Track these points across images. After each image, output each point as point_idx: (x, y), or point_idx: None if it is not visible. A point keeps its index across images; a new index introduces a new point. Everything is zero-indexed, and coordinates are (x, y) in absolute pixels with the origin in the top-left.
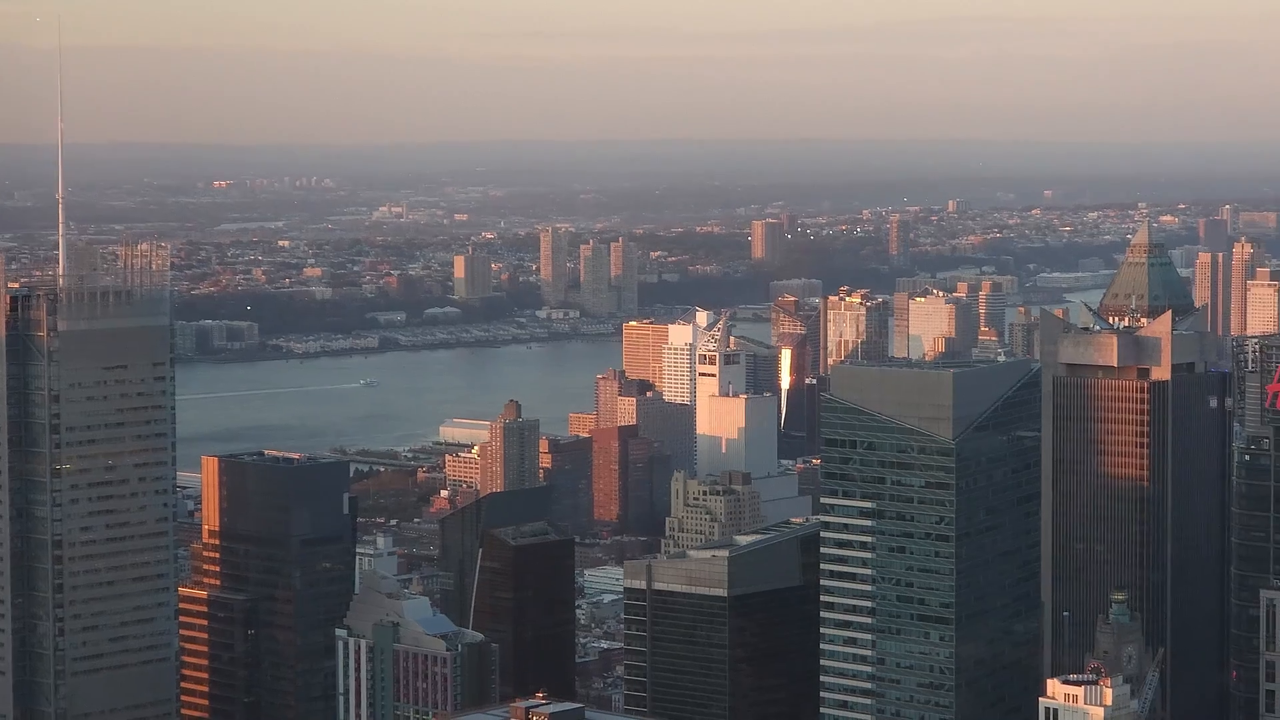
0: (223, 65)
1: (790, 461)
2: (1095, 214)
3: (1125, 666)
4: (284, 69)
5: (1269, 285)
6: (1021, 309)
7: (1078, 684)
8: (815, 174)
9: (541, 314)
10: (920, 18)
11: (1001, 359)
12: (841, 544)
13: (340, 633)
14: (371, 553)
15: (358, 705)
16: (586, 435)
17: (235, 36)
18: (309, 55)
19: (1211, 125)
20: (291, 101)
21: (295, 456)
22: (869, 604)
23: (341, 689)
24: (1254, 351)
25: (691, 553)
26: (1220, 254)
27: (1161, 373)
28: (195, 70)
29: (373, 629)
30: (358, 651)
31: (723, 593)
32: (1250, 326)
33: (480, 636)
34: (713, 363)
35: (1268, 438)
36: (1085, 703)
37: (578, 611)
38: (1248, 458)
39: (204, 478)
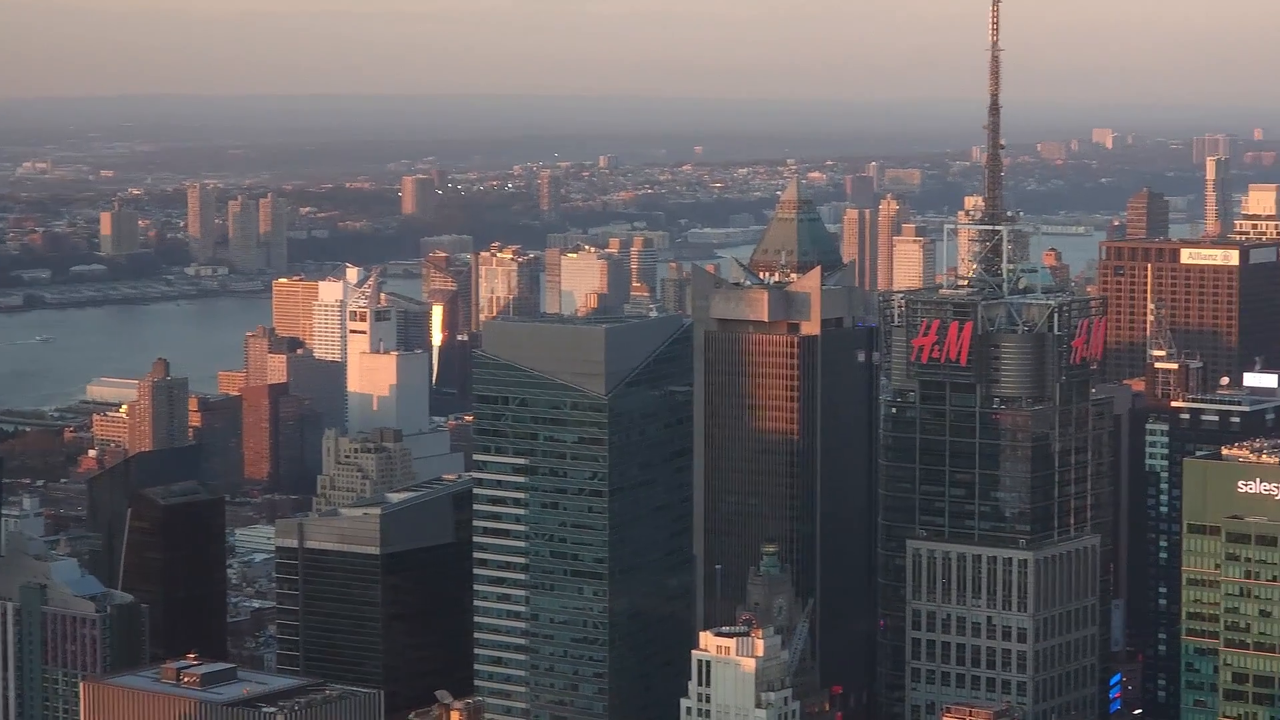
0: None
1: (442, 418)
2: (745, 170)
3: (776, 617)
4: None
5: (914, 241)
6: (673, 265)
7: (730, 636)
8: (466, 129)
9: (190, 271)
10: None
11: (653, 314)
12: (494, 500)
13: None
14: (17, 514)
15: (4, 670)
16: (236, 393)
17: None
18: None
19: (858, 83)
20: None
21: None
22: (522, 560)
23: None
24: (900, 307)
25: (343, 511)
26: (867, 210)
27: (811, 327)
28: None
29: (19, 591)
30: (3, 615)
31: (375, 550)
32: (896, 282)
33: (130, 598)
34: (363, 320)
35: (913, 391)
36: (737, 654)
37: (229, 571)
38: (894, 411)
39: None
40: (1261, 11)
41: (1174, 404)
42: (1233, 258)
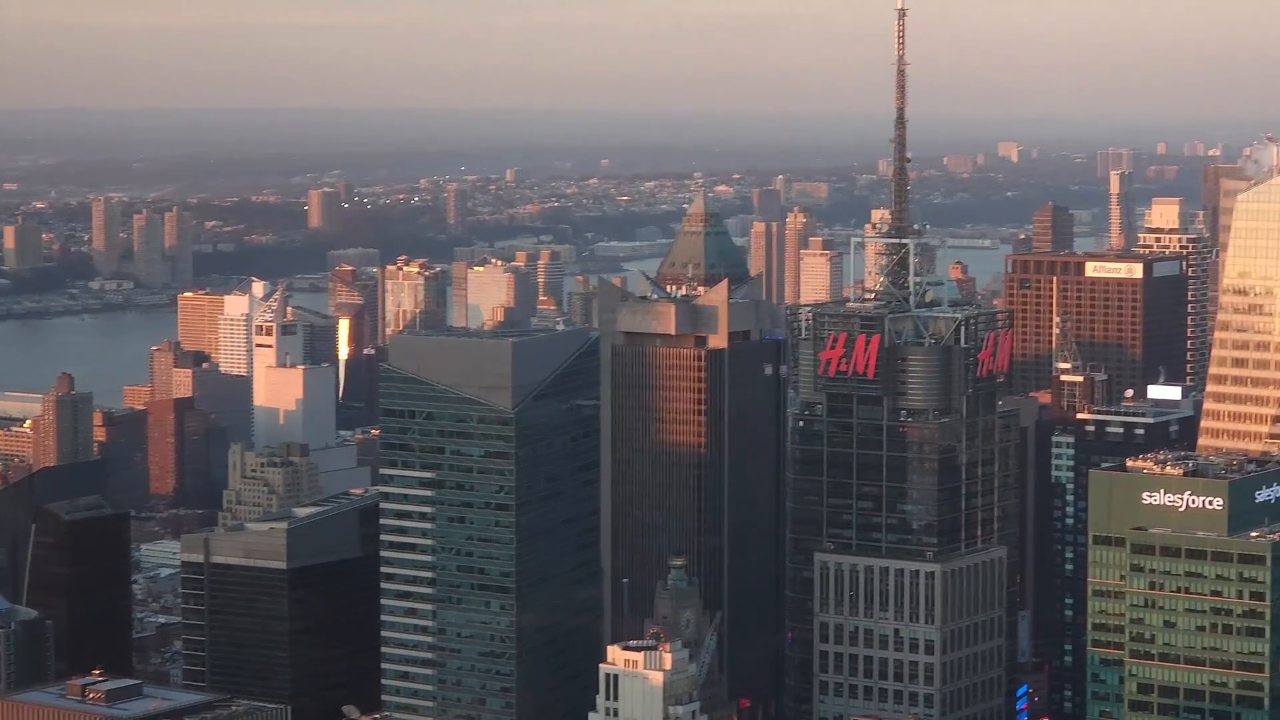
0: None
1: (349, 432)
2: (652, 183)
3: (684, 631)
4: None
5: (821, 254)
6: (580, 278)
7: (638, 649)
8: (372, 142)
9: (95, 285)
10: None
11: (560, 328)
12: (401, 514)
13: None
14: None
15: None
16: (141, 408)
17: None
18: None
19: (766, 97)
20: None
21: None
22: (429, 574)
23: None
24: (807, 319)
25: (249, 525)
26: (774, 223)
27: (718, 340)
28: None
29: None
30: None
31: (281, 565)
32: (804, 295)
33: (34, 613)
34: (269, 333)
35: (820, 404)
36: (645, 668)
37: (134, 586)
38: (801, 424)
39: None
40: (1163, 29)
41: (1079, 416)
42: (1137, 271)
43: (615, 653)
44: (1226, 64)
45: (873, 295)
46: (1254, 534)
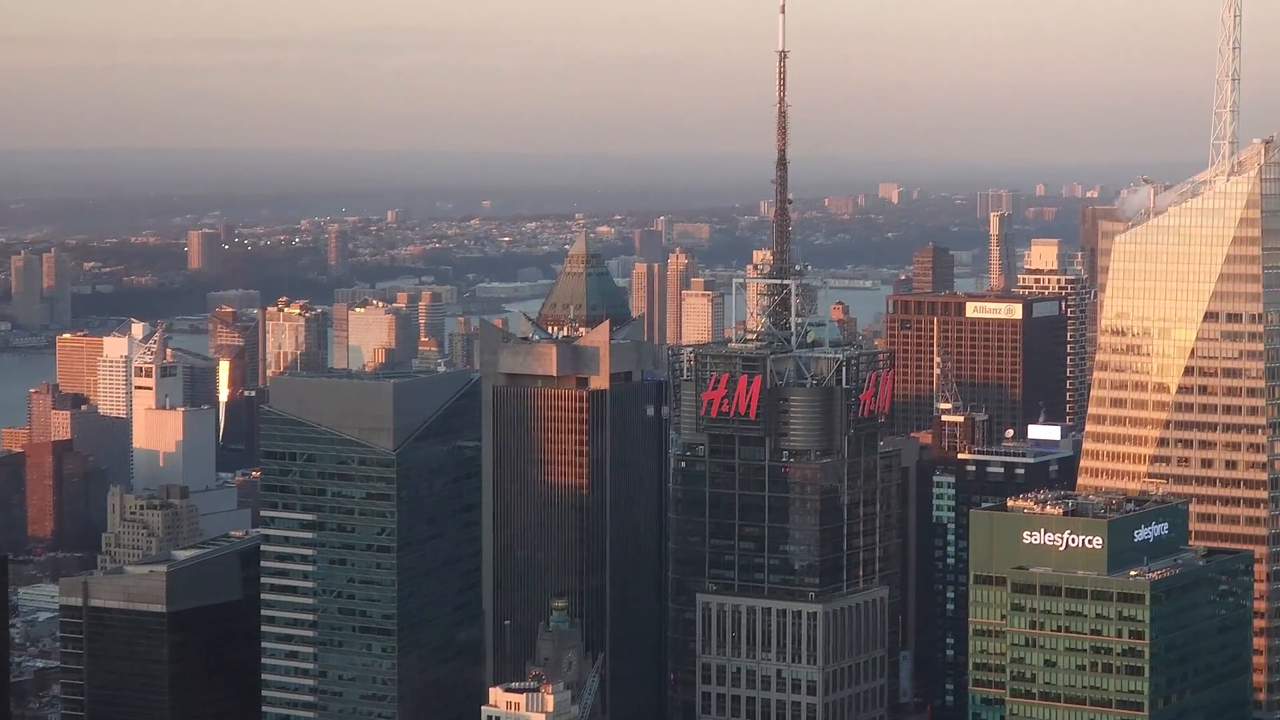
0: None
1: (229, 474)
2: (534, 224)
3: (566, 672)
4: None
5: (702, 295)
6: (461, 319)
7: (519, 691)
8: (253, 183)
9: None
10: (357, 27)
11: (441, 369)
12: (282, 557)
13: None
14: None
15: None
16: (19, 450)
17: None
18: None
19: (647, 138)
20: None
21: None
22: (310, 617)
23: None
24: (689, 360)
25: (129, 568)
26: (656, 264)
27: (600, 381)
28: None
29: None
30: None
31: (161, 608)
32: (685, 335)
33: None
34: (149, 375)
35: (702, 445)
36: (527, 709)
37: (12, 630)
38: (683, 465)
39: None
40: (1041, 73)
41: (960, 456)
42: (1016, 311)
43: (497, 695)
44: (1104, 108)
45: (754, 336)
46: (1133, 573)
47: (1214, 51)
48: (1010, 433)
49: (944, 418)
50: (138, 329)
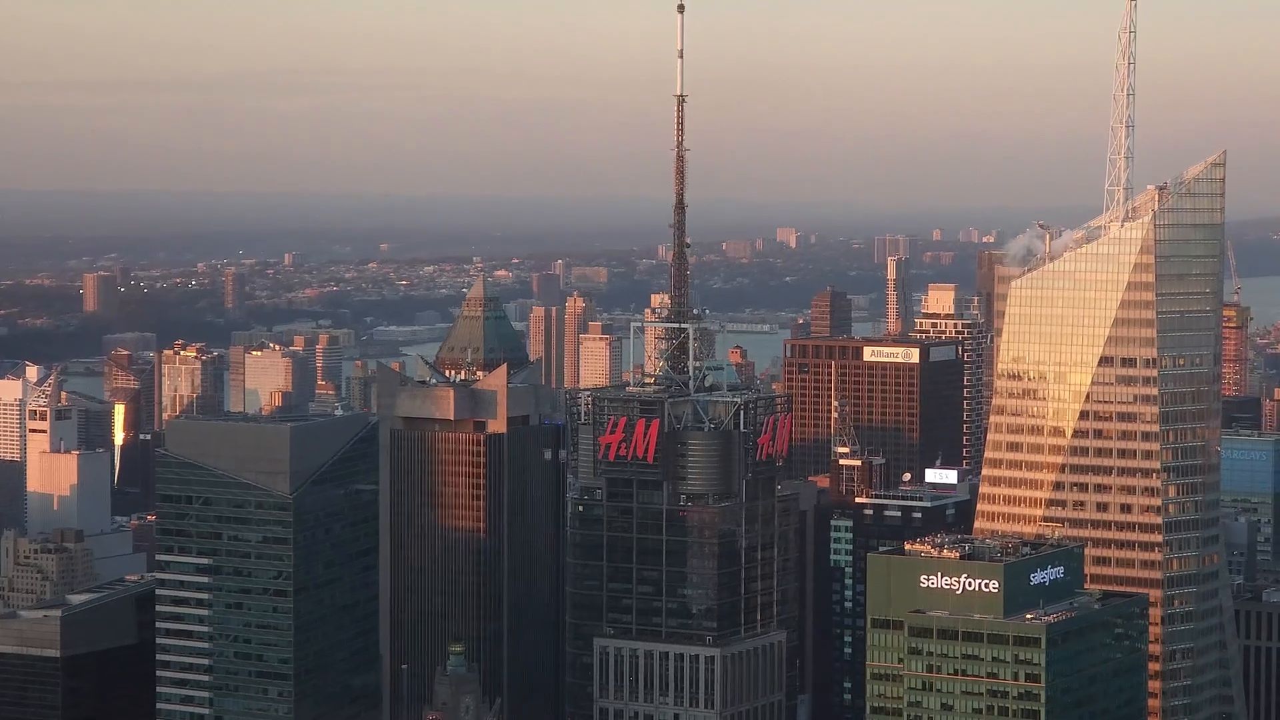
0: None
1: (125, 518)
2: (431, 268)
3: (464, 717)
4: None
5: (601, 339)
6: (359, 362)
7: None
8: (150, 225)
9: None
10: (256, 69)
11: (339, 413)
12: (178, 601)
13: None
14: None
15: None
16: None
17: None
18: None
19: (545, 181)
20: None
21: None
22: (206, 661)
23: None
24: (586, 404)
25: (23, 613)
26: (554, 308)
27: (498, 425)
28: None
29: None
30: None
31: (55, 653)
32: (583, 379)
33: None
34: (44, 418)
35: (600, 489)
36: None
37: None
38: (581, 509)
39: None
40: (938, 118)
41: (858, 500)
42: (914, 355)
43: None
44: (1000, 153)
45: (652, 380)
46: (1029, 616)
47: (1109, 98)
48: (908, 476)
49: (842, 461)
50: (32, 372)
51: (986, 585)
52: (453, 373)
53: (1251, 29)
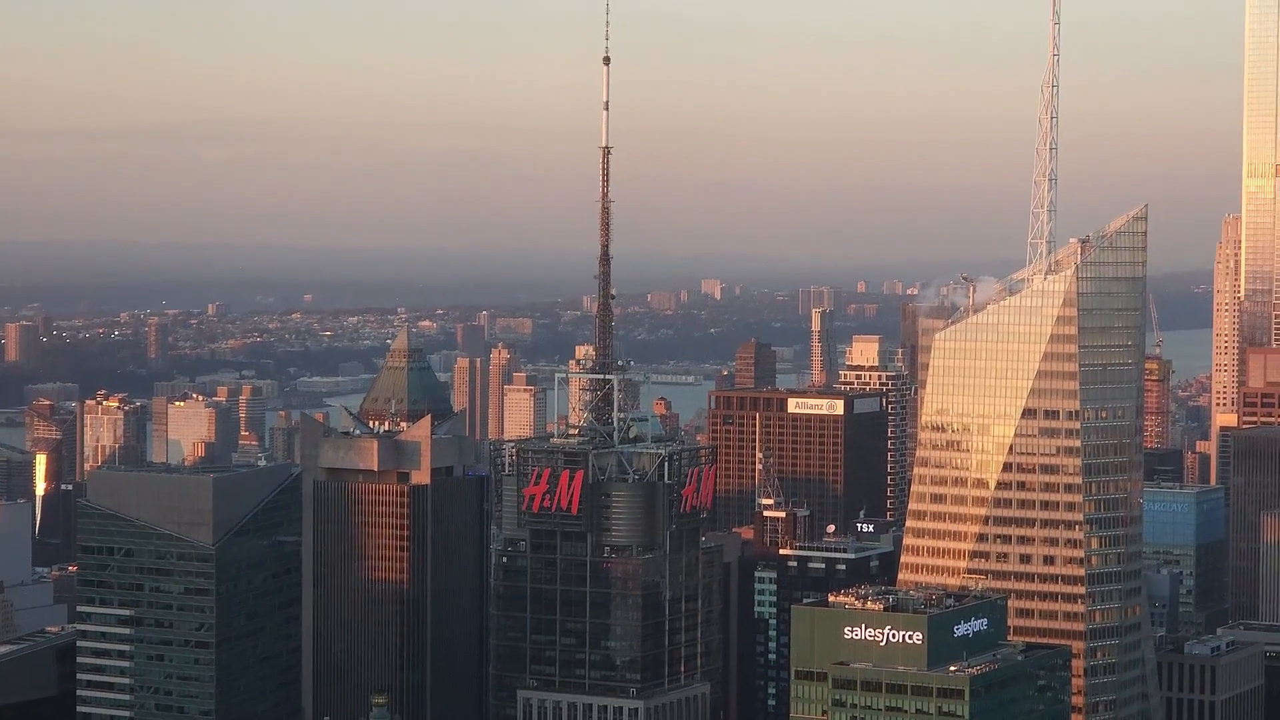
0: None
1: (46, 569)
2: (355, 319)
3: None
4: None
5: (525, 390)
6: (282, 413)
7: None
8: (72, 275)
9: None
10: (179, 120)
11: (262, 463)
12: (99, 653)
13: None
14: None
15: None
16: None
17: None
18: None
19: (470, 232)
20: None
21: None
22: (127, 713)
23: None
24: (511, 455)
25: None
26: (479, 359)
27: (421, 476)
28: None
29: None
30: None
31: None
32: (508, 430)
33: None
34: None
35: (524, 540)
36: None
37: None
38: (505, 560)
39: None
40: (862, 171)
41: (782, 552)
42: (838, 407)
43: None
44: (924, 206)
45: (577, 431)
46: (953, 668)
47: (1032, 152)
48: (832, 528)
49: (766, 513)
50: None
51: (910, 637)
52: (376, 424)
53: (1172, 85)
